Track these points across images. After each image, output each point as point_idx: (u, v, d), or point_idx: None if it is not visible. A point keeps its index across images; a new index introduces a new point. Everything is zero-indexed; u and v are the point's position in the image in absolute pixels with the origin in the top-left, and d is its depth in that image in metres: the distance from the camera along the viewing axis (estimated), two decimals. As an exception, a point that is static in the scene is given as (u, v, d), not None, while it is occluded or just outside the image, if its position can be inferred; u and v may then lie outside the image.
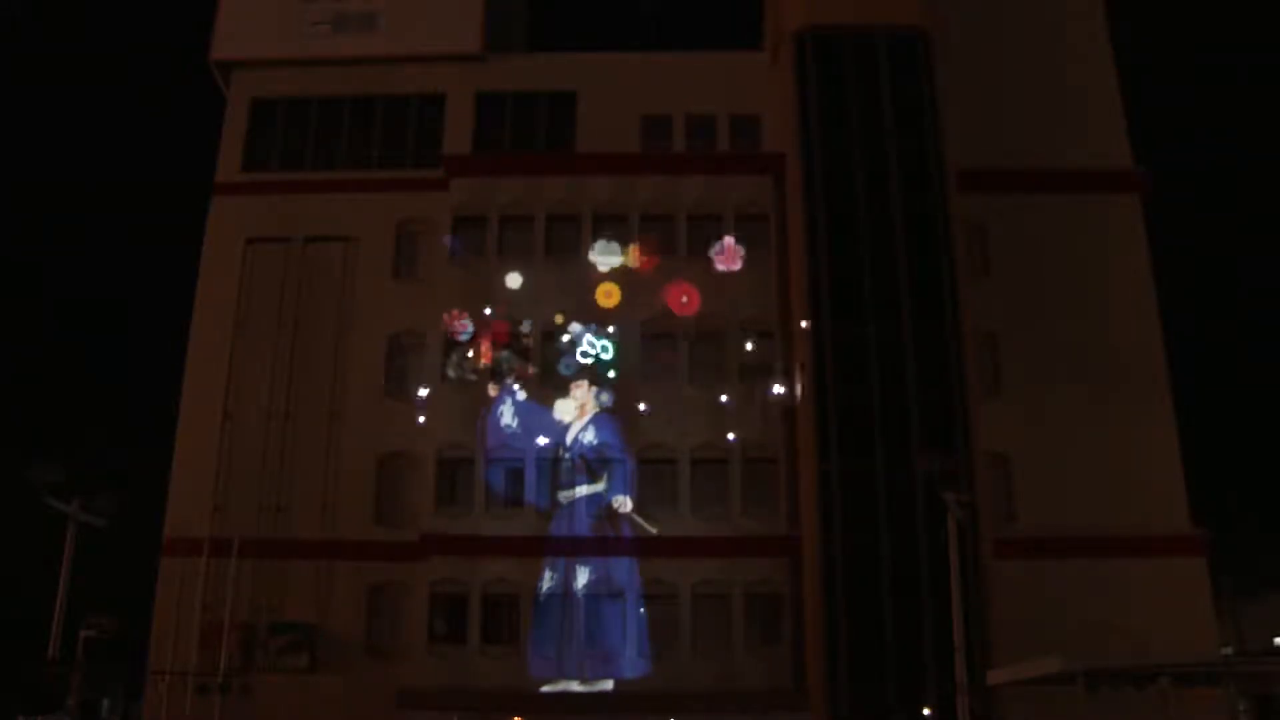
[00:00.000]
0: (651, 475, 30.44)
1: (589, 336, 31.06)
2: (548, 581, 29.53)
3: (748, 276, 31.87)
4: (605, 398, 30.41)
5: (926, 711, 25.85)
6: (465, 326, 31.19)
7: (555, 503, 30.26)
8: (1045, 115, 32.82)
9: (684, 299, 31.43)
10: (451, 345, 31.35)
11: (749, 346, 31.35)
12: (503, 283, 31.77)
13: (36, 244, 67.00)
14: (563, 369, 31.00)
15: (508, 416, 30.61)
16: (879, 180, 30.57)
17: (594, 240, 32.30)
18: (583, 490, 30.27)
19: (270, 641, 29.84)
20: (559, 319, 31.30)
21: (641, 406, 30.64)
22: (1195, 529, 29.72)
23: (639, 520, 29.80)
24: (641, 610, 29.39)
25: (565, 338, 31.21)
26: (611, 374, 30.97)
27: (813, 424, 28.88)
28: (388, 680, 28.62)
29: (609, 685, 28.62)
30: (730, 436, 30.50)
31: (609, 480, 30.32)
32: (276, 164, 34.62)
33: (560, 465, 30.49)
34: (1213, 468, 35.98)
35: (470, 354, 31.24)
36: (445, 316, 31.43)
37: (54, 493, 22.93)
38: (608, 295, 31.59)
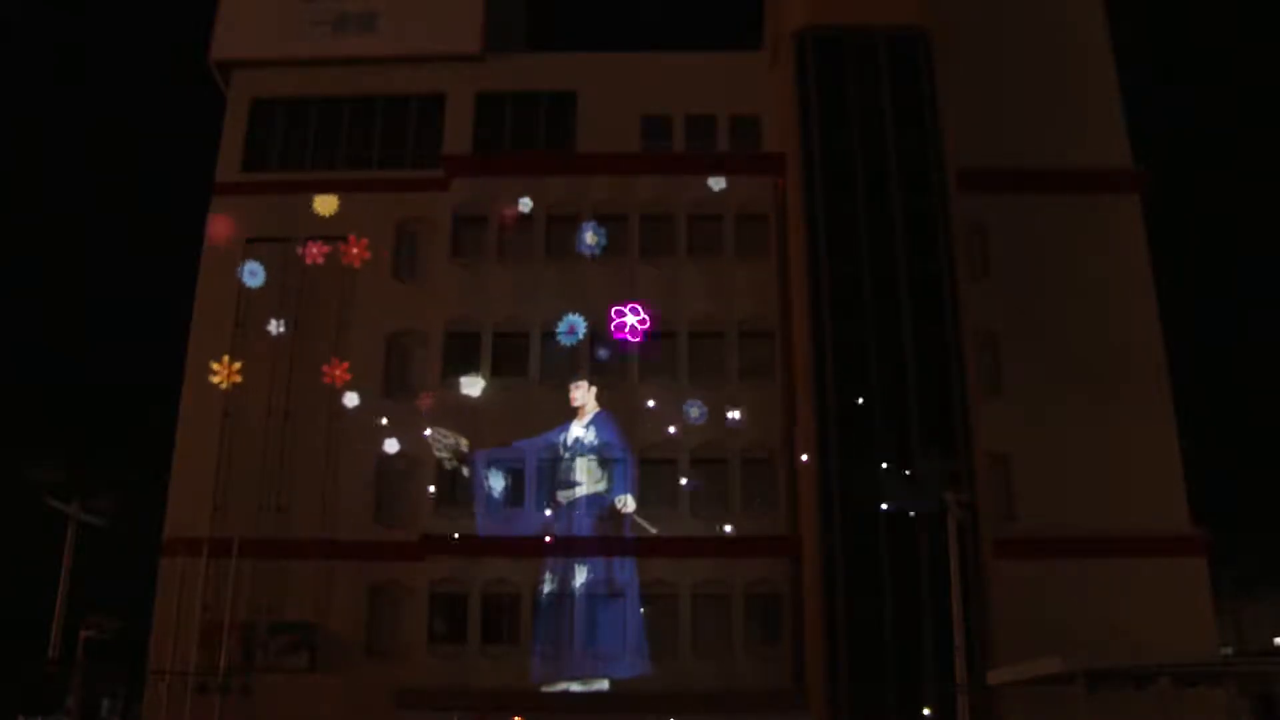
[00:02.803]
0: (652, 475, 30.42)
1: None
2: (548, 581, 29.53)
3: (748, 276, 31.85)
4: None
5: (926, 711, 25.87)
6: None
7: (555, 503, 30.27)
8: (1045, 115, 32.79)
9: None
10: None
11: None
12: (502, 282, 31.81)
13: (37, 243, 67.04)
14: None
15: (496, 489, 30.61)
16: (879, 180, 30.55)
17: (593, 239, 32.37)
18: (583, 490, 30.24)
19: (270, 641, 29.83)
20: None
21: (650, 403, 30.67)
22: (1195, 529, 29.70)
23: (640, 520, 29.78)
24: (641, 610, 29.39)
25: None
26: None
27: (813, 424, 28.88)
28: (388, 680, 28.60)
29: (608, 685, 28.62)
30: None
31: (609, 480, 30.30)
32: (276, 164, 34.63)
33: (560, 465, 30.48)
34: (1212, 467, 35.93)
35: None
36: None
37: (54, 493, 22.94)
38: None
